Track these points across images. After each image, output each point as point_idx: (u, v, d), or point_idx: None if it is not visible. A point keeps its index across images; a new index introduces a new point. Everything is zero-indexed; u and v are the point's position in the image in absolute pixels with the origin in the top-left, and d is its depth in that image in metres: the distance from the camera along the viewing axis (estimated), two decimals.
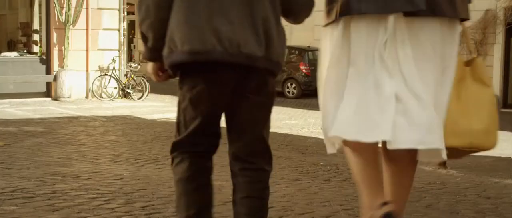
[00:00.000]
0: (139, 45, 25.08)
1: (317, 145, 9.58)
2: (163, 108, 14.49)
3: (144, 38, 2.63)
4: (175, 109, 2.92)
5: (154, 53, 2.65)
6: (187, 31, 2.43)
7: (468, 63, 2.96)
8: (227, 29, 2.41)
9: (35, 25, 17.13)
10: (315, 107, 15.97)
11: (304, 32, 20.03)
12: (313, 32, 19.75)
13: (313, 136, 10.87)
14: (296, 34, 20.34)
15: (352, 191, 5.34)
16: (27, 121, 10.72)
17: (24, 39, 17.71)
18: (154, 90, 17.97)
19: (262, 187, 2.71)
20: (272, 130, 3.34)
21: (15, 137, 8.03)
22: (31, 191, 4.48)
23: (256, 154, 2.72)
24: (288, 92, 18.10)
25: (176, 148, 2.71)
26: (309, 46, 18.72)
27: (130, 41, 24.46)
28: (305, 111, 15.26)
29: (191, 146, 2.65)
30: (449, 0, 2.66)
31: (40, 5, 15.10)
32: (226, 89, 2.57)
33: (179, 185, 2.67)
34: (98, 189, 4.64)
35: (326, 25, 2.86)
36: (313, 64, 18.18)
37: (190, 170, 2.64)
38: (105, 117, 12.14)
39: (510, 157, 9.34)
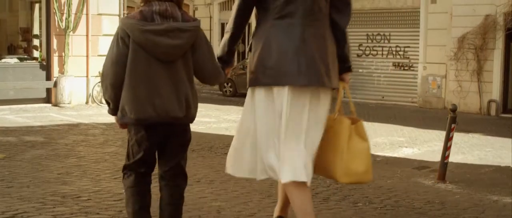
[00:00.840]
0: None
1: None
2: None
3: (107, 102, 3.81)
4: None
5: (114, 112, 3.78)
6: (133, 105, 3.59)
7: (353, 121, 3.97)
8: (160, 102, 3.55)
9: (35, 30, 17.16)
10: None
11: None
12: None
13: None
14: None
15: (352, 212, 5.35)
16: (27, 129, 10.74)
17: (24, 44, 17.72)
18: None
19: (179, 197, 3.85)
20: None
21: (16, 148, 8.05)
22: (31, 215, 4.49)
23: (176, 176, 3.81)
24: None
25: (126, 168, 3.85)
26: None
27: None
28: None
29: (136, 168, 3.77)
30: (328, 75, 3.68)
31: (40, 10, 15.09)
32: (159, 136, 3.71)
33: (128, 191, 3.81)
34: (98, 213, 4.66)
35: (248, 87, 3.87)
36: None
37: (135, 181, 3.77)
38: (105, 124, 12.13)
39: (509, 166, 9.37)
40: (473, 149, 11.03)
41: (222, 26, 22.47)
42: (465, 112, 16.58)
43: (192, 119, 3.72)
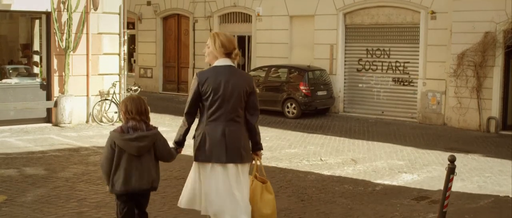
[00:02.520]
0: (139, 60, 25.14)
1: (316, 184, 9.63)
2: (164, 133, 14.45)
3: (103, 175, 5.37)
4: (175, 134, 5.61)
5: (107, 182, 5.31)
6: (119, 182, 5.19)
7: (264, 182, 5.61)
8: (135, 179, 5.22)
9: (36, 46, 17.21)
10: (315, 129, 16.08)
11: (304, 50, 20.10)
12: (312, 50, 19.81)
13: (313, 170, 10.88)
14: (296, 51, 20.42)
15: None
16: (28, 156, 10.77)
17: (24, 60, 17.77)
18: (154, 110, 18.01)
19: None
20: (273, 163, 6.24)
21: (17, 186, 8.06)
22: None
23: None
24: (288, 112, 18.12)
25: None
26: (309, 66, 18.74)
27: (130, 55, 24.53)
28: (305, 134, 15.25)
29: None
30: (242, 155, 5.33)
31: (40, 26, 15.11)
32: (135, 199, 5.35)
33: None
34: None
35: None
36: (313, 84, 18.22)
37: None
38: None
39: (509, 196, 9.39)
40: (473, 174, 11.05)
41: None
42: (464, 129, 16.62)
43: (155, 188, 5.39)
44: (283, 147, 13.37)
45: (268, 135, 14.90)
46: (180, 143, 5.39)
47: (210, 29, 22.47)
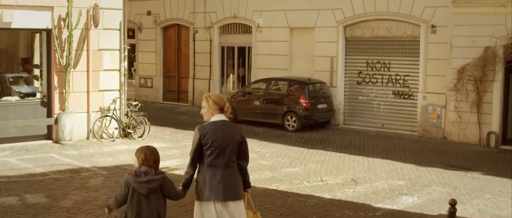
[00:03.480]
0: (140, 69, 25.14)
1: (317, 210, 9.64)
2: (164, 151, 14.49)
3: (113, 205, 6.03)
4: (177, 151, 8.51)
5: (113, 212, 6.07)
6: (132, 216, 5.87)
7: (255, 212, 6.62)
8: (146, 214, 5.84)
9: (36, 60, 17.20)
10: (315, 144, 16.10)
11: (304, 62, 20.11)
12: (313, 63, 19.82)
13: (313, 192, 10.90)
14: (296, 63, 20.43)
15: None
16: (29, 179, 10.79)
17: (25, 74, 17.77)
18: (154, 121, 18.04)
19: None
20: (273, 186, 6.61)
21: None
22: None
23: None
24: (288, 125, 18.13)
25: None
26: (309, 79, 18.75)
27: (130, 64, 24.51)
28: (305, 150, 15.26)
29: None
30: (237, 193, 6.24)
31: (40, 40, 15.11)
32: None
33: None
34: None
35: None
36: (313, 97, 18.23)
37: None
38: (105, 168, 12.20)
39: None
40: (473, 196, 11.07)
41: (222, 49, 22.51)
42: (464, 143, 16.63)
43: None
44: (284, 165, 13.38)
45: (268, 151, 14.92)
46: (186, 185, 6.25)
47: (210, 39, 22.49)
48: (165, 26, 24.19)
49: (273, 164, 13.46)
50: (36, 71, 17.02)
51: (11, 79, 17.97)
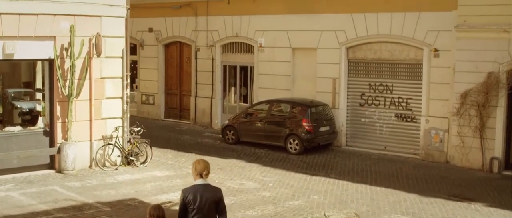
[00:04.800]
0: (141, 86, 25.09)
1: None
2: (167, 180, 14.50)
3: None
4: (180, 180, 9.21)
5: None
6: None
7: None
8: None
9: (38, 84, 17.19)
10: (318, 169, 16.08)
11: (306, 83, 20.09)
12: (315, 83, 19.79)
13: None
14: (298, 84, 20.40)
15: None
16: None
17: (27, 98, 17.78)
18: (156, 142, 18.02)
19: None
20: None
21: None
22: None
23: None
24: (291, 148, 18.11)
25: None
26: (311, 101, 18.72)
27: (132, 80, 24.45)
28: (308, 178, 15.23)
29: None
30: None
31: (43, 63, 15.09)
32: None
33: None
34: None
35: None
36: (315, 120, 18.20)
37: None
38: (109, 203, 12.19)
39: None
40: None
41: (224, 68, 22.46)
42: (467, 168, 16.60)
43: None
44: (287, 197, 13.35)
45: (271, 180, 14.89)
46: None
47: (212, 58, 22.47)
48: (167, 44, 24.15)
49: (276, 196, 13.43)
50: (38, 96, 17.03)
51: (13, 95, 18.03)
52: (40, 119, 15.54)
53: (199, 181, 7.21)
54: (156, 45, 24.30)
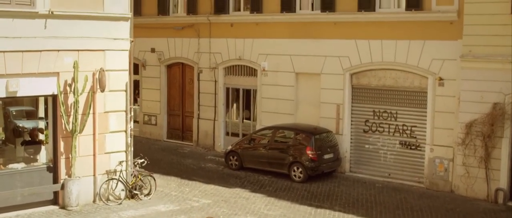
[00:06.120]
0: (143, 106, 24.98)
1: None
2: (171, 217, 14.41)
3: None
4: (184, 217, 8.18)
5: None
6: None
7: None
8: None
9: (41, 113, 17.09)
10: (322, 200, 16.00)
11: (310, 108, 20.00)
12: (319, 109, 19.71)
13: None
14: (302, 108, 20.32)
15: None
16: None
17: (28, 107, 17.69)
18: (157, 166, 17.93)
19: None
20: None
21: None
22: None
23: None
24: (294, 176, 18.03)
25: None
26: (315, 128, 18.65)
27: (134, 100, 24.35)
28: (313, 211, 15.16)
29: None
30: None
31: (46, 108, 15.04)
32: None
33: None
34: None
35: None
36: (319, 148, 18.12)
37: None
38: None
39: None
40: None
41: (227, 90, 22.36)
42: (472, 198, 16.52)
43: None
44: None
45: (275, 214, 14.80)
46: None
47: (215, 80, 22.37)
48: (169, 64, 24.05)
49: None
50: (41, 124, 16.95)
51: (14, 113, 17.94)
52: (44, 152, 15.45)
53: None
54: (158, 66, 24.20)
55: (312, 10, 19.82)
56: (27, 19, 13.63)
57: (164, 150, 22.72)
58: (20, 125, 17.86)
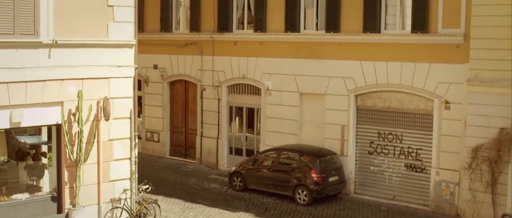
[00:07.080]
0: (146, 123, 24.84)
1: None
2: None
3: None
4: None
5: None
6: None
7: None
8: None
9: (44, 137, 16.95)
10: None
11: (314, 128, 19.88)
12: (323, 130, 19.58)
13: None
14: (306, 129, 20.19)
15: None
16: None
17: (32, 151, 17.52)
18: (160, 187, 17.79)
19: None
20: None
21: None
22: None
23: None
24: (299, 198, 17.90)
25: None
26: (320, 150, 18.52)
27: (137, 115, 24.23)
28: None
29: None
30: None
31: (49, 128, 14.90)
32: None
33: None
34: None
35: None
36: (324, 170, 17.99)
37: None
38: None
39: None
40: None
41: (230, 109, 22.23)
42: None
43: None
44: None
45: None
46: None
47: (219, 98, 22.23)
48: (172, 81, 23.91)
49: None
50: (44, 148, 16.80)
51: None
52: (47, 177, 15.30)
53: None
54: (161, 83, 24.05)
55: (317, 30, 19.69)
56: (31, 49, 13.50)
57: (167, 168, 22.59)
58: (22, 140, 17.70)
